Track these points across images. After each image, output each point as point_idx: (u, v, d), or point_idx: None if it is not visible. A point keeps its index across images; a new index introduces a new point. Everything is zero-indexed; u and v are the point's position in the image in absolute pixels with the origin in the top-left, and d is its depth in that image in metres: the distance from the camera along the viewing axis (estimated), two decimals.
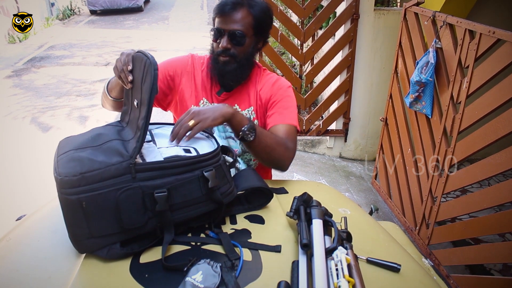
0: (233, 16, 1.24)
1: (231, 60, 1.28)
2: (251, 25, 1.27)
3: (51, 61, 7.98)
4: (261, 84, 1.38)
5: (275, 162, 1.23)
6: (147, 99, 0.86)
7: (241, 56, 1.29)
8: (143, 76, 0.92)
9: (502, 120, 1.89)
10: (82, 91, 6.20)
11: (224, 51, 1.27)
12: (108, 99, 1.29)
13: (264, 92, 1.36)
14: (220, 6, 1.25)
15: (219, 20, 1.27)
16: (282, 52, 6.42)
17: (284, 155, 1.23)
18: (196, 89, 1.38)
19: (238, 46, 1.27)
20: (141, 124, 0.86)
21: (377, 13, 3.42)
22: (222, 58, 1.28)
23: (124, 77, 1.02)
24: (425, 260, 1.15)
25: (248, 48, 1.30)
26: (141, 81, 0.93)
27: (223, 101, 1.36)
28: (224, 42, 1.26)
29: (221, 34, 1.27)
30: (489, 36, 1.96)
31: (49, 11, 12.52)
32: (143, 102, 0.89)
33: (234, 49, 1.27)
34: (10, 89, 6.34)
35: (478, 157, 2.20)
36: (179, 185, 0.85)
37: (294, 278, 0.73)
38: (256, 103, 1.37)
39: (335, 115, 3.84)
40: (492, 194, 1.99)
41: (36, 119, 5.10)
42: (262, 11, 1.29)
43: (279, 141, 1.22)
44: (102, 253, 0.82)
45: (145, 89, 0.88)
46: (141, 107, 0.90)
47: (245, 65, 1.32)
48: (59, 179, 0.79)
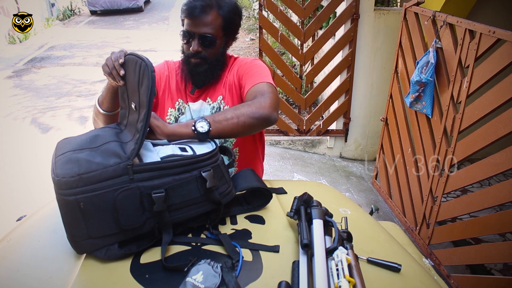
0: (203, 19, 1.24)
1: (202, 62, 1.29)
2: (220, 27, 1.27)
3: (51, 62, 7.99)
4: (231, 71, 1.37)
5: (254, 124, 1.10)
6: (146, 101, 0.86)
7: (212, 57, 1.30)
8: (139, 78, 0.92)
9: (503, 119, 1.89)
10: (82, 91, 6.20)
11: (195, 54, 1.27)
12: (100, 115, 1.26)
13: (233, 75, 1.35)
14: (189, 8, 1.24)
15: (189, 22, 1.25)
16: (282, 52, 6.42)
17: (257, 111, 1.09)
18: (171, 92, 1.40)
19: (209, 48, 1.28)
20: (140, 127, 0.87)
21: (377, 13, 3.42)
22: (193, 60, 1.29)
23: (116, 73, 1.02)
24: (425, 260, 1.15)
25: (218, 49, 1.31)
26: (137, 84, 0.92)
27: (196, 98, 1.38)
28: (195, 45, 1.26)
29: (191, 37, 1.26)
30: (489, 36, 1.96)
31: (49, 12, 12.52)
32: (141, 105, 0.89)
33: (205, 51, 1.28)
34: (11, 89, 6.35)
35: (478, 157, 2.20)
36: (177, 185, 0.86)
37: (295, 278, 0.73)
38: (226, 90, 1.36)
39: (336, 115, 3.84)
40: (492, 194, 1.99)
41: (36, 120, 5.10)
42: (232, 11, 1.28)
43: (240, 106, 1.11)
44: (100, 253, 0.82)
45: (143, 92, 0.88)
46: (140, 110, 0.90)
47: (216, 65, 1.33)
48: (57, 180, 0.79)
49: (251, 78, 1.26)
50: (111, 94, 1.19)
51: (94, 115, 1.31)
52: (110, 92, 1.19)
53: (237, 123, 1.07)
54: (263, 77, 1.25)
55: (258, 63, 1.34)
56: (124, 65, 1.02)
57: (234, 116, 1.07)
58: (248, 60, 1.37)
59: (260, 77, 1.25)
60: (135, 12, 13.91)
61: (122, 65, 1.02)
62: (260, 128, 1.17)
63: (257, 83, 1.22)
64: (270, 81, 1.24)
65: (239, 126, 1.08)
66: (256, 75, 1.27)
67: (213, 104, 1.36)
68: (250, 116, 1.08)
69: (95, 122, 1.33)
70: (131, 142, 0.88)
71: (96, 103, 1.26)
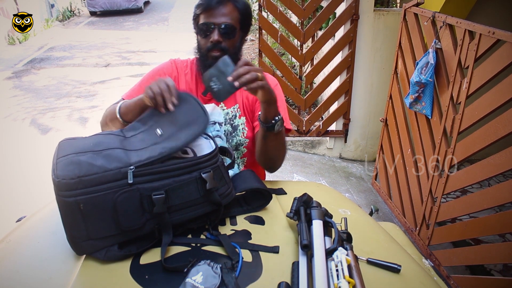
0: (221, 10, 1.24)
1: (222, 55, 1.25)
2: (238, 19, 1.28)
3: (51, 63, 7.99)
4: None
5: (274, 160, 1.25)
6: (180, 144, 0.89)
7: (231, 50, 1.28)
8: (188, 121, 0.95)
9: (502, 120, 1.89)
10: (82, 92, 6.20)
11: (216, 45, 1.25)
12: (117, 122, 1.20)
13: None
14: (207, 1, 1.25)
15: (206, 15, 1.26)
16: (282, 53, 6.43)
17: (283, 155, 1.26)
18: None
19: (229, 39, 1.27)
20: (159, 150, 0.88)
21: (376, 13, 3.42)
22: (213, 53, 1.26)
23: (161, 101, 1.00)
24: (425, 260, 1.15)
25: (236, 42, 1.30)
26: (183, 123, 0.95)
27: (208, 100, 1.35)
28: (215, 35, 1.24)
29: (209, 29, 1.25)
30: (488, 37, 1.96)
31: (49, 13, 12.53)
32: (171, 138, 0.92)
33: (225, 42, 1.26)
34: (10, 90, 6.35)
35: (478, 157, 2.20)
36: (177, 187, 0.86)
37: (295, 279, 0.73)
38: (242, 101, 1.37)
39: (335, 116, 3.84)
40: (492, 194, 1.99)
41: (36, 121, 5.10)
42: (246, 7, 1.30)
43: (284, 141, 1.25)
44: (100, 255, 0.82)
45: (185, 135, 0.91)
46: (165, 141, 0.91)
47: (234, 59, 1.31)
48: (57, 181, 0.79)
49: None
50: (139, 110, 1.13)
51: (108, 119, 1.25)
52: (139, 108, 1.13)
53: (277, 150, 1.23)
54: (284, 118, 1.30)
55: (280, 92, 1.36)
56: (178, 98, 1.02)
57: (283, 144, 1.24)
58: (271, 84, 1.36)
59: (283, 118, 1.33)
60: (134, 13, 13.93)
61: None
62: (268, 166, 1.31)
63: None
64: (288, 124, 1.31)
65: (274, 151, 1.23)
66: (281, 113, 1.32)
67: (227, 110, 1.35)
68: (281, 158, 1.25)
69: (105, 126, 1.28)
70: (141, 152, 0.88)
71: (117, 110, 1.18)
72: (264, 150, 1.23)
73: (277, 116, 1.14)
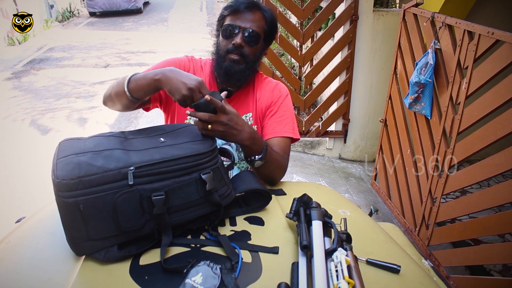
0: (249, 15, 1.24)
1: (240, 60, 1.25)
2: (263, 29, 1.27)
3: (50, 63, 7.99)
4: (260, 90, 1.37)
5: (268, 179, 1.24)
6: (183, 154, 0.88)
7: (251, 57, 1.27)
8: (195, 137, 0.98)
9: (501, 120, 1.89)
10: (81, 93, 6.20)
11: (237, 48, 1.24)
12: (123, 97, 1.13)
13: (264, 99, 1.36)
14: (235, 4, 1.24)
15: (233, 17, 1.25)
16: (281, 53, 6.43)
17: (280, 174, 1.25)
18: None
19: (251, 46, 1.26)
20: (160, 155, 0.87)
21: (376, 14, 3.42)
22: (233, 56, 1.24)
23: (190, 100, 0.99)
24: (425, 261, 1.15)
25: (257, 51, 1.29)
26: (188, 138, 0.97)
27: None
28: (238, 38, 1.23)
29: (234, 31, 1.24)
30: (488, 37, 1.97)
31: (48, 13, 12.53)
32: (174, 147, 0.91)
33: (247, 48, 1.25)
34: (10, 91, 6.34)
35: (477, 158, 2.21)
36: (177, 188, 0.86)
37: (294, 279, 0.73)
38: (255, 109, 1.36)
39: (335, 116, 3.84)
40: (491, 195, 1.99)
41: (35, 121, 5.10)
42: (273, 18, 1.30)
43: (279, 163, 1.23)
44: (99, 255, 0.82)
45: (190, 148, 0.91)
46: (168, 148, 0.90)
47: (251, 68, 1.30)
48: (57, 182, 0.79)
49: (282, 122, 1.33)
50: (153, 90, 1.08)
51: (113, 92, 1.17)
52: (153, 89, 1.08)
53: (268, 173, 1.22)
54: (290, 127, 1.33)
55: (290, 103, 1.38)
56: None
57: (273, 168, 1.21)
58: (283, 94, 1.38)
59: (288, 126, 1.33)
60: (134, 13, 13.93)
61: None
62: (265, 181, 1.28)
63: (285, 136, 1.31)
64: (293, 133, 1.33)
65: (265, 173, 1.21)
66: (286, 121, 1.33)
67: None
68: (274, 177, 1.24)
69: (109, 100, 1.21)
70: (141, 152, 0.88)
71: (125, 83, 1.10)
72: (258, 173, 1.22)
73: (257, 155, 1.13)
